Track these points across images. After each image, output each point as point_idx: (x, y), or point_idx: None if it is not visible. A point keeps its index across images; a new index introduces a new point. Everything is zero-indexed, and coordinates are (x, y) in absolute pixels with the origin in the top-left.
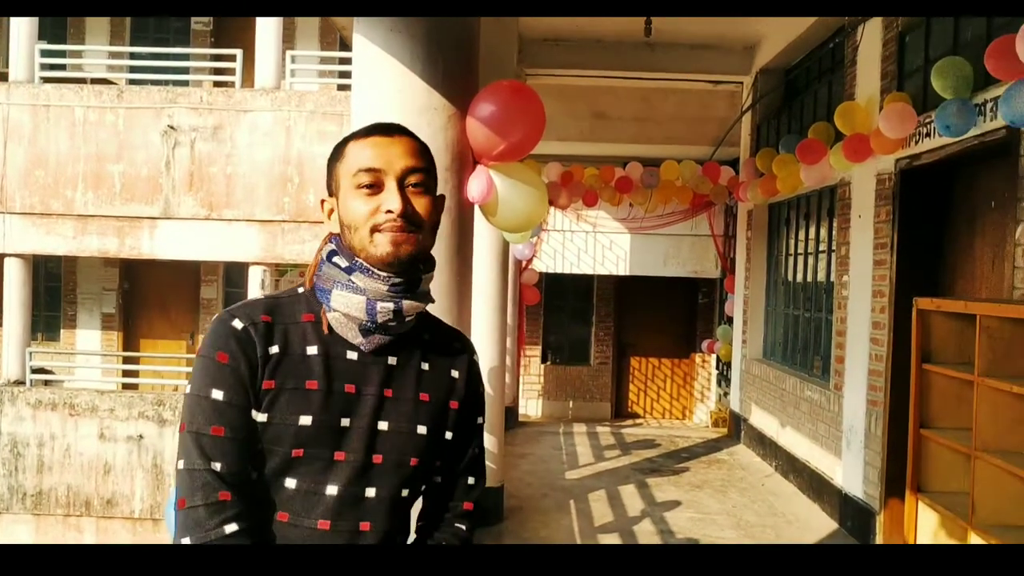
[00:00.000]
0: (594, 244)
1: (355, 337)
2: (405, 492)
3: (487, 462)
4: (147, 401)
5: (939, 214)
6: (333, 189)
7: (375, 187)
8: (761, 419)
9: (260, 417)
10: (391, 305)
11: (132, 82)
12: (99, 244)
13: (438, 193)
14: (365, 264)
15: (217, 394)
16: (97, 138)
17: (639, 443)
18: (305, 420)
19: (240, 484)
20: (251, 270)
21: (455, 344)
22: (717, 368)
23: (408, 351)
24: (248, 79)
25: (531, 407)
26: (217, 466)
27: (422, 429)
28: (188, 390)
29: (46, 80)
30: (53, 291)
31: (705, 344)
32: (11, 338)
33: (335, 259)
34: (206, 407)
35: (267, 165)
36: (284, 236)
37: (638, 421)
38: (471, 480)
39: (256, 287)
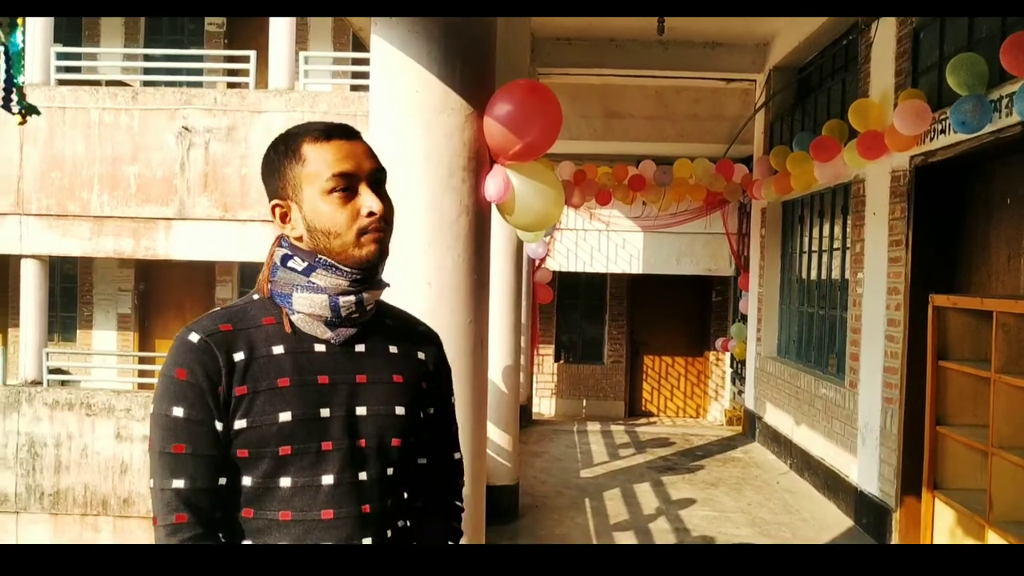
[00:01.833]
0: (607, 243)
1: (323, 333)
2: (390, 471)
3: (502, 460)
4: None
5: (954, 211)
6: (286, 192)
7: (349, 191)
8: (776, 417)
9: (240, 423)
10: (353, 298)
11: (147, 84)
12: (115, 245)
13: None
14: (329, 261)
15: (177, 411)
16: (112, 140)
17: (653, 441)
18: (285, 416)
19: (200, 500)
20: None
21: (419, 328)
22: (731, 366)
23: (374, 337)
24: (262, 80)
25: (544, 406)
26: (179, 483)
27: (400, 410)
28: (152, 408)
29: (62, 82)
30: (69, 292)
31: (719, 342)
32: (28, 339)
33: (291, 263)
34: (166, 424)
35: None
36: None
37: (652, 420)
38: (456, 455)
39: None
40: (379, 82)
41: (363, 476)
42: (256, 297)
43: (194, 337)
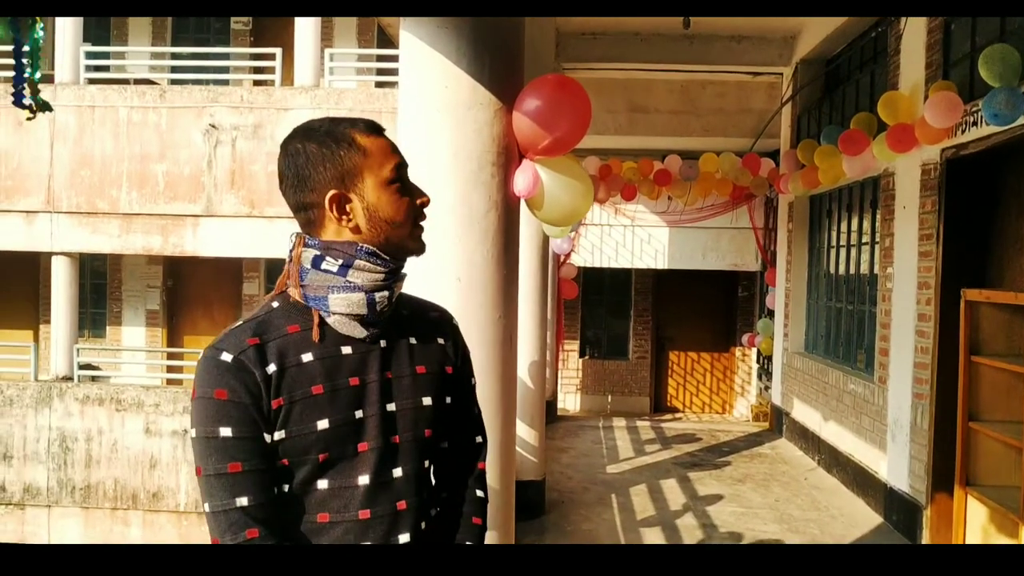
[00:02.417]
0: (632, 238)
1: (360, 333)
2: (426, 463)
3: (529, 455)
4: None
5: (986, 204)
6: (346, 183)
7: (403, 182)
8: (803, 413)
9: (279, 435)
10: (386, 292)
11: (174, 82)
12: (144, 242)
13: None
14: (372, 250)
15: (225, 431)
16: (141, 138)
17: (679, 437)
18: (323, 424)
19: (267, 514)
20: None
21: (432, 314)
22: (757, 362)
23: (394, 331)
24: (287, 77)
25: (569, 401)
26: (243, 501)
27: (427, 401)
28: (193, 433)
29: (91, 81)
30: (99, 289)
31: (745, 338)
32: (59, 335)
33: (324, 265)
34: (218, 446)
35: None
36: None
37: (677, 415)
38: (479, 439)
39: None
40: (408, 78)
41: (398, 472)
42: (276, 305)
43: (227, 356)
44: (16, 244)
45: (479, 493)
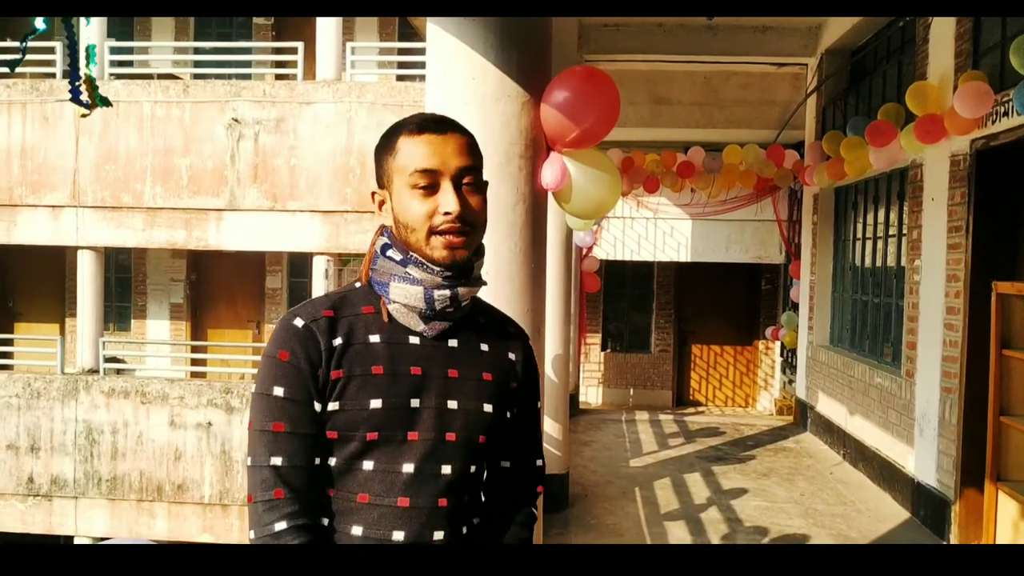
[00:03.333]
0: (655, 230)
1: (417, 325)
2: (473, 468)
3: (553, 449)
4: (215, 389)
5: (1017, 196)
6: (384, 182)
7: (430, 187)
8: (828, 406)
9: (332, 406)
10: (447, 292)
11: (197, 76)
12: (168, 236)
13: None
14: (419, 259)
15: (277, 391)
16: (164, 132)
17: (703, 431)
18: (376, 404)
19: (298, 479)
20: (315, 260)
21: (509, 328)
22: (781, 355)
23: (467, 334)
24: (309, 71)
25: (591, 395)
26: (276, 461)
27: (488, 407)
28: (254, 388)
29: (115, 76)
30: (124, 282)
31: (769, 331)
32: (85, 328)
33: (389, 252)
34: (268, 404)
35: (329, 156)
36: (347, 226)
37: (700, 409)
38: (539, 462)
39: (320, 277)
40: (435, 70)
41: (446, 470)
42: (358, 286)
43: (298, 322)
44: (42, 239)
45: (532, 510)
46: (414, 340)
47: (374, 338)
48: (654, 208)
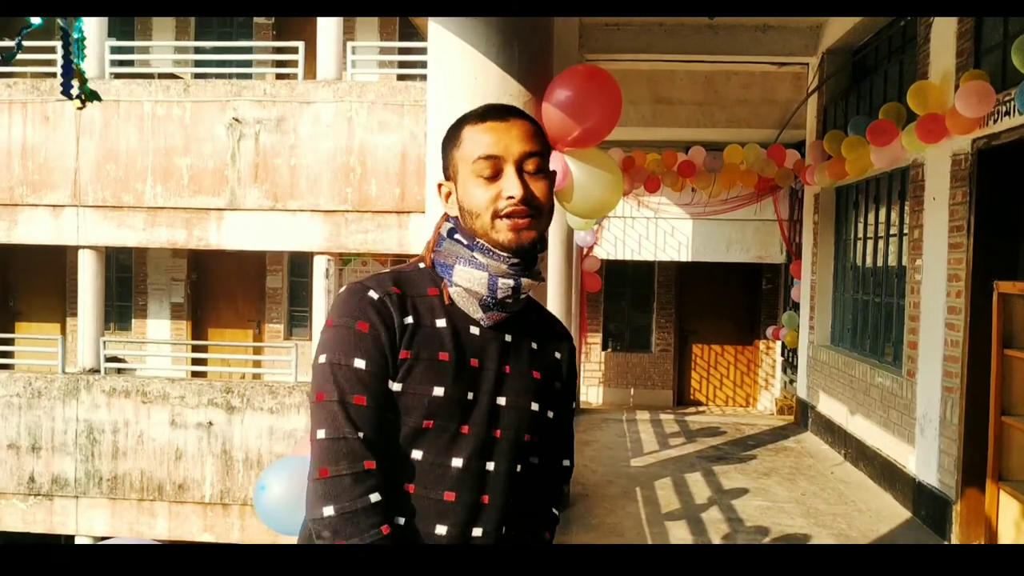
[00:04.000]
0: (655, 230)
1: (475, 312)
2: (519, 467)
3: None
4: (216, 389)
5: (1019, 195)
6: (450, 173)
7: (494, 174)
8: (829, 406)
9: (395, 387)
10: (511, 282)
11: (197, 76)
12: (168, 235)
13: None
14: (485, 244)
15: (359, 363)
16: (165, 132)
17: (703, 430)
18: (438, 391)
19: (379, 452)
20: (315, 260)
21: (558, 328)
22: (782, 355)
23: (520, 329)
24: (310, 71)
25: (592, 394)
26: (363, 433)
27: (535, 406)
28: (322, 359)
29: (116, 76)
30: (124, 282)
31: (770, 331)
32: (86, 328)
33: (457, 236)
34: (349, 375)
35: (330, 156)
36: (347, 226)
37: (701, 409)
38: (567, 463)
39: (320, 277)
40: (436, 69)
41: (491, 466)
42: (421, 266)
43: (373, 294)
44: (43, 238)
45: (554, 511)
46: (474, 330)
47: (440, 322)
48: (655, 208)
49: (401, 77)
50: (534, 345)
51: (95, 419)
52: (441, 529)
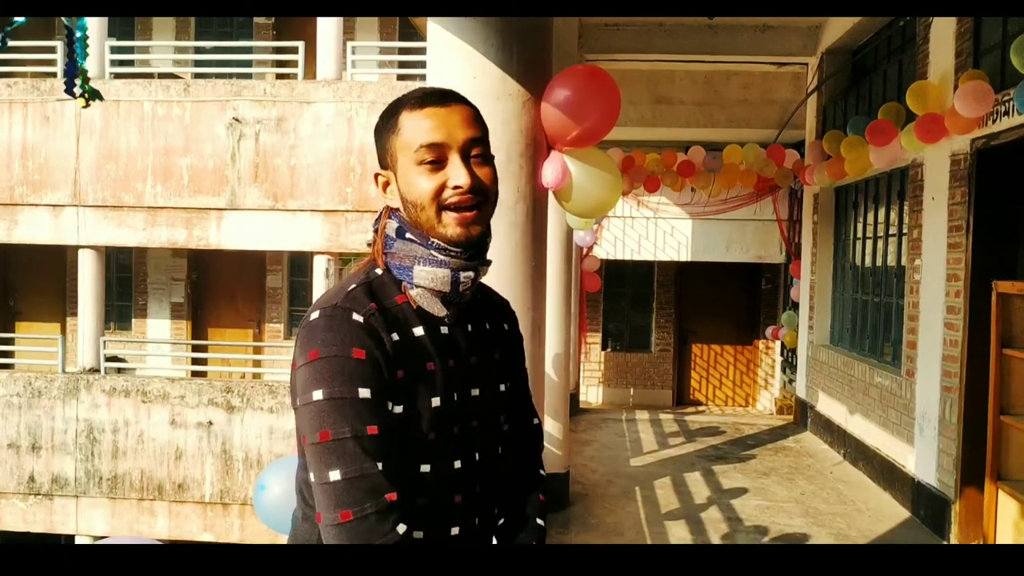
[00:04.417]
0: (655, 230)
1: (440, 311)
2: (500, 449)
3: (553, 448)
4: (216, 388)
5: (1018, 195)
6: (388, 162)
7: (438, 162)
8: (828, 406)
9: (397, 409)
10: (471, 273)
11: (198, 76)
12: (168, 235)
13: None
14: (440, 244)
15: (364, 392)
16: (165, 131)
17: (703, 430)
18: (436, 402)
19: (396, 481)
20: (315, 259)
21: (495, 298)
22: (782, 355)
23: (473, 315)
24: (310, 71)
25: (592, 394)
26: (381, 465)
27: (503, 387)
28: (318, 395)
29: (116, 76)
30: (124, 282)
31: (769, 330)
32: (86, 327)
33: (408, 235)
34: (358, 408)
35: (330, 156)
36: (348, 226)
37: (700, 408)
38: (535, 420)
39: (320, 276)
40: (436, 69)
41: (478, 456)
42: (379, 271)
43: (358, 317)
44: (43, 238)
45: (541, 472)
46: (444, 329)
47: (417, 331)
48: (654, 208)
49: (401, 77)
50: (487, 326)
51: (95, 419)
52: (455, 530)
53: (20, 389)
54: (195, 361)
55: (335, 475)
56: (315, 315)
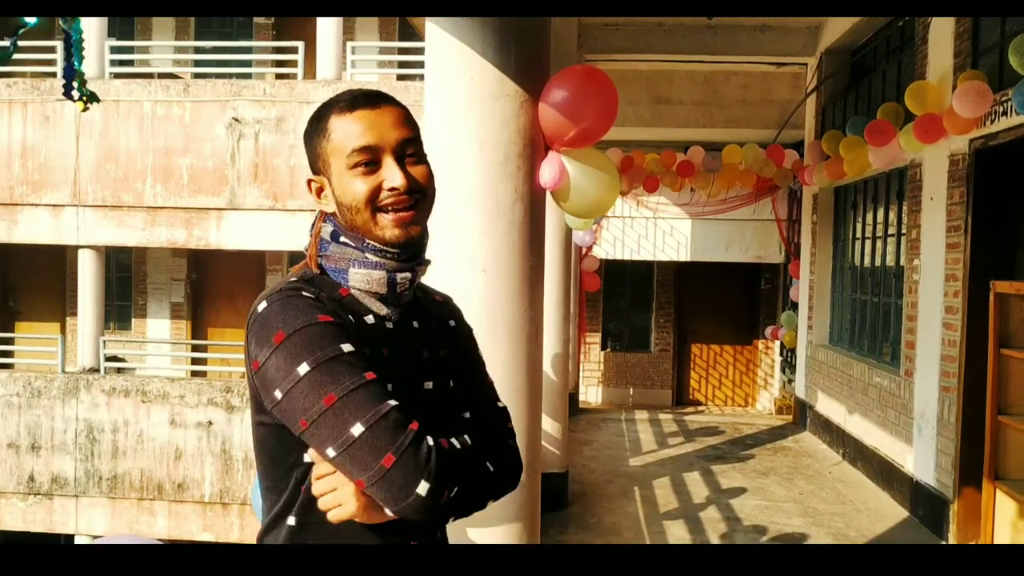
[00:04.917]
0: (654, 230)
1: (381, 310)
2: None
3: (552, 448)
4: (216, 388)
5: (1016, 195)
6: (320, 167)
7: (371, 165)
8: (827, 406)
9: None
10: (408, 274)
11: (197, 76)
12: (168, 235)
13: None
14: (375, 245)
15: (347, 346)
16: (165, 131)
17: (702, 430)
18: (390, 388)
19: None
20: None
21: (436, 296)
22: (781, 354)
23: (416, 313)
24: (309, 71)
25: (591, 394)
26: (393, 401)
27: (452, 382)
28: (302, 369)
29: (116, 76)
30: (124, 281)
31: (769, 330)
32: (86, 327)
33: (343, 239)
34: (347, 362)
35: None
36: None
37: (700, 408)
38: (500, 404)
39: None
40: (433, 69)
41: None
42: (317, 272)
43: (308, 295)
44: (43, 238)
45: (510, 443)
46: (389, 325)
47: (369, 319)
48: (654, 207)
49: (401, 77)
50: (432, 324)
51: (95, 418)
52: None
53: (20, 389)
54: (195, 361)
55: (357, 429)
56: (262, 306)
